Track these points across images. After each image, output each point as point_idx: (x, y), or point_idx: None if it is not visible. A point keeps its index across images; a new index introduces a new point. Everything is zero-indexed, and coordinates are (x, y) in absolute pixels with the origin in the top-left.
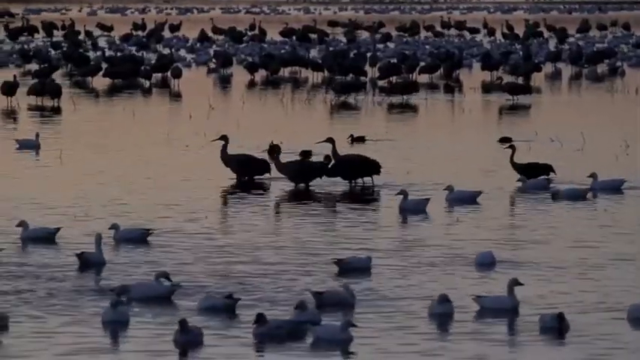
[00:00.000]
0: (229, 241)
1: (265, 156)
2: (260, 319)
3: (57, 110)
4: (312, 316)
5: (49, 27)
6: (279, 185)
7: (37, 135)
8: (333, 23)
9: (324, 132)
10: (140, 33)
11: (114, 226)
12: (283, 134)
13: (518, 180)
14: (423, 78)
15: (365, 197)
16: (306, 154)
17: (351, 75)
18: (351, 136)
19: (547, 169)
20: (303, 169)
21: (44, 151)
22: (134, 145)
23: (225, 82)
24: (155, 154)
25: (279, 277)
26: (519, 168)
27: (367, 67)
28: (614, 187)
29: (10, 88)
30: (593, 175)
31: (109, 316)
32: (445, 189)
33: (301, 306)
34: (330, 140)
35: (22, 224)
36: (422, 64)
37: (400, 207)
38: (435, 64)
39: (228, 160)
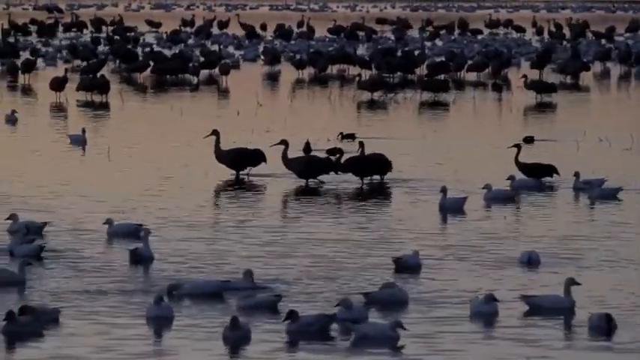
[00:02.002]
0: (280, 238)
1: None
2: (291, 315)
3: (105, 106)
4: (358, 313)
5: (97, 23)
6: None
7: (84, 130)
8: (381, 21)
9: (370, 129)
10: (189, 29)
11: (108, 221)
12: (330, 131)
13: (508, 179)
14: (471, 76)
15: (380, 194)
16: (333, 151)
17: (399, 72)
18: (341, 133)
19: (550, 169)
20: (308, 165)
21: (92, 146)
22: (181, 142)
23: (273, 78)
24: (202, 150)
25: (327, 275)
26: (523, 168)
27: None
28: (595, 186)
29: (59, 84)
30: (576, 174)
31: (153, 312)
32: (483, 187)
33: (345, 304)
34: (361, 144)
35: (12, 217)
36: (470, 62)
37: (440, 204)
38: (483, 62)
39: (220, 155)
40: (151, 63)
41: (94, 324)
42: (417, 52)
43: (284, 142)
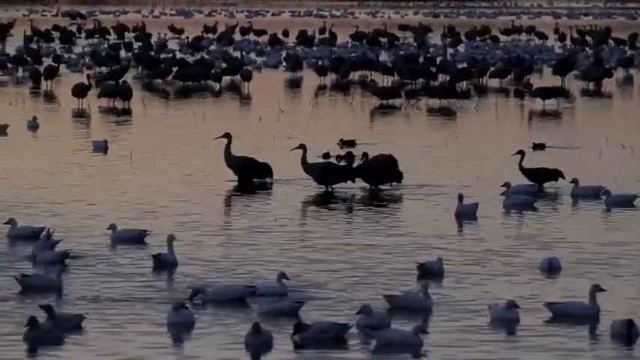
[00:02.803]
0: (303, 243)
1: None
2: (299, 328)
3: (128, 112)
4: (380, 319)
5: (120, 29)
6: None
7: (106, 141)
8: (403, 27)
9: (391, 136)
10: (211, 36)
11: (112, 227)
12: (352, 138)
13: (503, 185)
14: (494, 82)
15: (389, 200)
16: (347, 156)
17: (421, 79)
18: (342, 140)
19: (556, 174)
20: (326, 171)
21: (114, 152)
22: (203, 148)
23: (295, 85)
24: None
25: (349, 280)
26: (528, 173)
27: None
28: (594, 194)
29: (81, 90)
30: (574, 181)
31: (173, 319)
32: (502, 194)
33: (365, 310)
34: (364, 155)
35: (11, 222)
36: (492, 68)
37: (457, 211)
38: (505, 68)
39: (230, 162)
40: (174, 69)
41: (117, 330)
42: (439, 59)
43: (302, 147)
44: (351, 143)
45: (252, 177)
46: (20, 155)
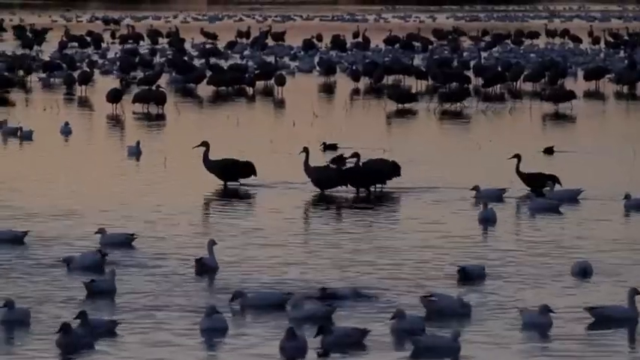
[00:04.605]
0: (344, 247)
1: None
2: (321, 331)
3: (161, 117)
4: (412, 324)
5: (153, 34)
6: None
7: (138, 143)
8: (437, 31)
9: (423, 140)
10: (244, 40)
11: (100, 231)
12: (386, 142)
13: (472, 189)
14: (527, 86)
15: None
16: (340, 159)
17: (455, 83)
18: (324, 143)
19: (552, 179)
20: (322, 176)
21: (148, 156)
22: (237, 153)
23: (328, 89)
24: (258, 161)
25: (388, 283)
26: (525, 178)
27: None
28: (571, 197)
29: (115, 96)
30: (547, 185)
31: (205, 324)
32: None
33: (399, 315)
34: (355, 154)
35: None
36: (526, 72)
37: (481, 216)
38: (539, 72)
39: (210, 166)
40: (207, 74)
41: (152, 336)
42: (472, 62)
43: (306, 150)
44: (333, 147)
45: (235, 178)
46: (51, 161)
